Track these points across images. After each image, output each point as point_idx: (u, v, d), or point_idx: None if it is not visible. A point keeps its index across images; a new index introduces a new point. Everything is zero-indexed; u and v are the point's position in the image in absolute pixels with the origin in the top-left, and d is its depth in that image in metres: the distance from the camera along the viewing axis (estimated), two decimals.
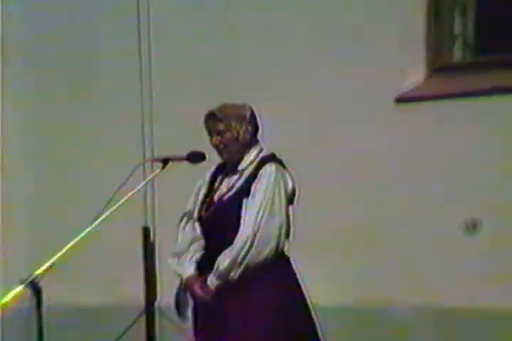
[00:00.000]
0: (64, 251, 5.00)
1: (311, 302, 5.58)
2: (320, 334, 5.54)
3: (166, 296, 7.99)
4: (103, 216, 5.08)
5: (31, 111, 9.82)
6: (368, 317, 7.81)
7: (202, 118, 5.44)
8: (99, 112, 9.40)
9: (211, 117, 5.38)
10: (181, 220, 5.61)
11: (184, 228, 5.60)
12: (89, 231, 5.03)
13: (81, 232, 5.02)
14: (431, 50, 7.58)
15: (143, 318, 8.60)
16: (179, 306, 5.66)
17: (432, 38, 7.59)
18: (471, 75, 7.56)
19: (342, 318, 7.53)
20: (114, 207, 5.10)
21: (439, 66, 7.60)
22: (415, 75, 7.69)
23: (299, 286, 5.46)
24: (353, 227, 7.85)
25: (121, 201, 5.13)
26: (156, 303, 8.60)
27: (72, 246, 5.00)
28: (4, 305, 5.09)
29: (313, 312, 5.53)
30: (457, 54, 7.75)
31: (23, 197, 9.61)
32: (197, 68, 8.52)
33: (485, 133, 7.32)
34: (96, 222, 5.04)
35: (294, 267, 5.47)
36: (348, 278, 7.85)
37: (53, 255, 4.98)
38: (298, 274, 5.52)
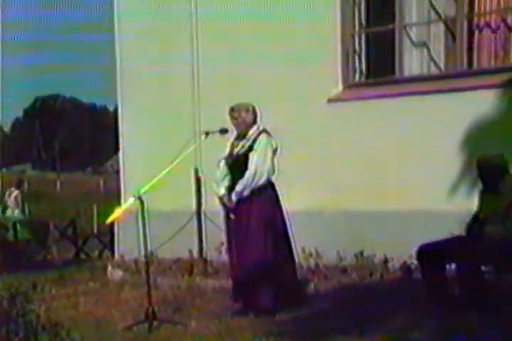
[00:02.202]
0: (156, 179, 6.83)
1: (286, 209, 7.20)
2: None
3: (208, 205, 9.55)
4: (176, 161, 6.94)
5: None
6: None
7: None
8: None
9: (232, 110, 7.32)
10: (218, 164, 7.32)
11: (219, 168, 7.30)
12: (169, 170, 6.83)
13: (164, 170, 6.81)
14: (344, 75, 9.30)
15: (194, 219, 10.05)
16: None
17: (344, 69, 9.30)
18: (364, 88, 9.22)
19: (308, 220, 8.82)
20: (181, 156, 6.99)
21: (348, 84, 9.33)
22: (336, 88, 9.30)
23: (278, 200, 7.20)
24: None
25: (186, 153, 7.06)
26: (202, 209, 10.03)
27: (161, 177, 6.81)
28: (125, 210, 6.99)
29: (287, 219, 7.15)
30: (357, 77, 9.42)
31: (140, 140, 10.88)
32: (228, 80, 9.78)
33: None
34: (174, 163, 6.90)
35: (276, 189, 7.19)
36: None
37: (151, 181, 6.77)
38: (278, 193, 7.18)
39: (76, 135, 75.33)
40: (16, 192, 16.01)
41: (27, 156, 70.82)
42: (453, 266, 6.49)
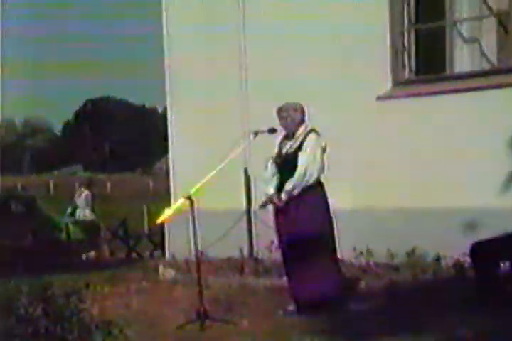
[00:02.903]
0: (205, 179, 6.84)
1: (336, 207, 7.18)
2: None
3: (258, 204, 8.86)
4: (226, 161, 6.95)
5: None
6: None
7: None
8: None
9: (280, 110, 7.30)
10: (266, 163, 7.32)
11: (268, 167, 7.30)
12: (219, 170, 6.85)
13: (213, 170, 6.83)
14: (394, 72, 9.24)
15: (245, 218, 10.17)
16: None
17: (393, 66, 9.25)
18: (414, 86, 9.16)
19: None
20: (231, 156, 7.01)
21: (397, 81, 9.28)
22: (385, 85, 9.25)
23: (326, 200, 7.15)
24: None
25: (235, 153, 7.09)
26: (252, 208, 10.05)
27: (210, 177, 6.82)
28: (175, 210, 7.03)
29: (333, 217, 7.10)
30: (406, 74, 9.36)
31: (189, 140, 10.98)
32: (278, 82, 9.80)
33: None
34: (223, 163, 6.90)
35: (325, 188, 7.15)
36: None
37: (200, 181, 6.81)
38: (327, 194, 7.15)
39: (126, 136, 76.08)
40: (85, 193, 16.28)
41: (78, 158, 71.70)
42: (507, 264, 6.44)
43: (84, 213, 15.95)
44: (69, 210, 16.35)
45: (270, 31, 9.98)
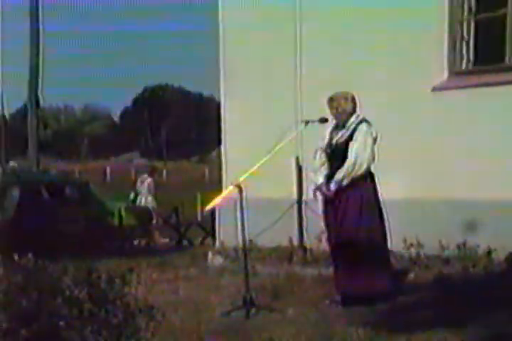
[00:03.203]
0: (254, 168, 6.83)
1: (387, 198, 7.09)
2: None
3: (309, 194, 9.17)
4: (275, 150, 6.95)
5: None
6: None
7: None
8: None
9: (330, 99, 7.26)
10: (315, 153, 7.29)
11: (317, 157, 7.26)
12: (268, 159, 6.84)
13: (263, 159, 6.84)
14: (450, 62, 9.11)
15: (295, 207, 10.15)
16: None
17: (450, 56, 9.12)
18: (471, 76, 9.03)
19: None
20: (280, 145, 6.99)
21: (454, 71, 9.14)
22: (442, 76, 9.12)
23: (376, 191, 7.09)
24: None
25: (284, 142, 7.05)
26: (303, 198, 10.06)
27: (260, 166, 6.81)
28: (223, 198, 7.06)
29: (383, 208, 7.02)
30: (463, 64, 9.21)
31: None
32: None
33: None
34: (272, 152, 6.88)
35: (375, 179, 7.09)
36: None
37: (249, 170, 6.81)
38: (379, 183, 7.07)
39: (183, 124, 76.53)
40: (148, 180, 16.46)
41: (135, 145, 72.41)
42: None
43: (146, 200, 16.14)
44: (131, 196, 16.58)
45: (327, 21, 9.93)
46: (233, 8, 11.12)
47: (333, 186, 6.99)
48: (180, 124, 76.81)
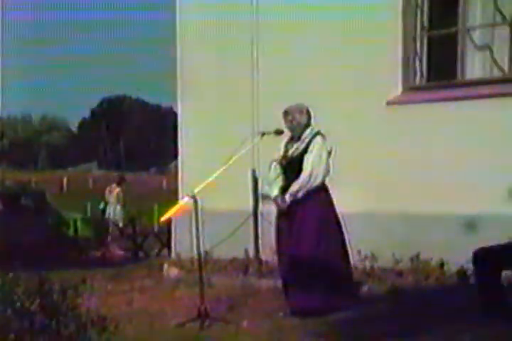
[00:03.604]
0: (210, 179, 6.82)
1: (341, 211, 7.12)
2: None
3: (265, 206, 9.43)
4: (230, 161, 6.95)
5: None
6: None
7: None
8: None
9: (285, 112, 7.30)
10: (270, 165, 7.32)
11: (272, 169, 7.28)
12: (223, 170, 6.85)
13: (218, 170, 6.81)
14: (404, 77, 9.20)
15: (251, 218, 10.04)
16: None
17: (404, 72, 9.21)
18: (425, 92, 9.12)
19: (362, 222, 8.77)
20: (236, 157, 7.01)
21: (408, 86, 9.23)
22: (396, 91, 9.20)
23: (331, 202, 7.14)
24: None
25: (240, 153, 7.05)
26: (259, 209, 10.01)
27: (215, 177, 6.81)
28: (178, 209, 7.02)
29: (341, 221, 7.07)
30: (417, 80, 9.31)
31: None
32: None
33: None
34: (228, 164, 6.94)
35: (329, 191, 7.14)
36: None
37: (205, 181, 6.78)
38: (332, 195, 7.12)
39: (141, 135, 76.23)
40: (117, 190, 16.38)
41: (93, 155, 71.90)
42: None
43: (115, 209, 16.08)
44: (101, 206, 16.49)
45: (282, 33, 9.94)
46: (190, 14, 11.00)
47: (287, 198, 6.99)
48: (139, 135, 76.51)
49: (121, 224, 16.49)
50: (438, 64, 9.32)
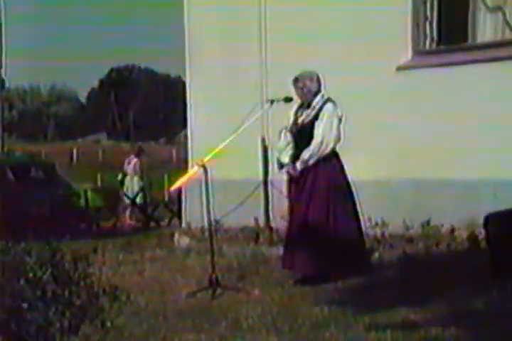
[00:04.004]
0: (219, 148, 6.82)
1: (352, 178, 7.11)
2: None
3: (275, 174, 9.27)
4: (240, 130, 6.91)
5: None
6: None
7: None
8: None
9: (295, 79, 7.24)
10: (280, 132, 7.28)
11: (282, 137, 7.25)
12: (233, 138, 6.81)
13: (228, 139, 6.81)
14: (414, 42, 9.13)
15: (261, 187, 10.17)
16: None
17: (414, 36, 9.15)
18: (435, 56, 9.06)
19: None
20: (245, 125, 6.96)
21: (418, 51, 9.19)
22: (406, 55, 9.15)
23: (343, 169, 7.13)
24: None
25: (249, 122, 7.01)
26: (269, 178, 10.10)
27: (225, 146, 6.78)
28: (188, 178, 7.02)
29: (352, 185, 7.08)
30: (427, 44, 9.26)
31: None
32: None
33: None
34: (237, 132, 6.89)
35: (340, 158, 7.12)
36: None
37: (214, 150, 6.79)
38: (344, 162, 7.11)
39: (150, 105, 76.07)
40: (135, 160, 16.52)
41: (102, 126, 71.89)
42: None
43: (133, 180, 16.21)
44: (119, 177, 16.64)
45: (290, 3, 9.88)
46: None
47: (299, 166, 6.98)
48: (148, 105, 76.38)
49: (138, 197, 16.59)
50: (449, 27, 9.25)
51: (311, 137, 6.96)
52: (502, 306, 5.58)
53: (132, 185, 16.18)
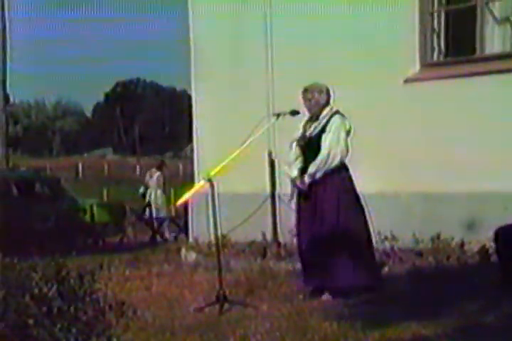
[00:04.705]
0: (225, 162, 6.82)
1: (361, 192, 7.11)
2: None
3: (282, 188, 9.42)
4: (246, 143, 6.91)
5: None
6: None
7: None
8: None
9: (305, 90, 7.25)
10: (290, 146, 7.29)
11: (291, 150, 7.26)
12: (239, 152, 6.81)
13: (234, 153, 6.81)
14: (422, 54, 9.15)
15: (268, 201, 10.12)
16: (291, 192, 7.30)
17: (422, 48, 9.16)
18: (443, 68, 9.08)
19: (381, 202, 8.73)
20: (251, 139, 6.92)
21: (426, 63, 9.19)
22: (414, 67, 9.17)
23: (352, 182, 7.11)
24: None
25: (256, 135, 6.97)
26: (277, 192, 10.06)
27: (231, 160, 6.80)
28: (194, 192, 7.02)
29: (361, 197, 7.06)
30: (435, 56, 9.30)
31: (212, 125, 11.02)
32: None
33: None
34: (243, 146, 6.88)
35: (350, 171, 7.10)
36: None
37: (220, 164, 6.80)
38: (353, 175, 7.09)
39: (156, 119, 76.26)
40: (157, 174, 16.67)
41: (108, 140, 72.10)
42: None
43: (155, 194, 16.33)
44: (141, 190, 16.78)
45: (297, 10, 9.88)
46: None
47: (307, 179, 6.98)
48: (154, 119, 76.55)
49: (163, 211, 16.65)
50: (456, 39, 9.27)
51: (319, 150, 6.96)
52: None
53: (156, 198, 16.36)
